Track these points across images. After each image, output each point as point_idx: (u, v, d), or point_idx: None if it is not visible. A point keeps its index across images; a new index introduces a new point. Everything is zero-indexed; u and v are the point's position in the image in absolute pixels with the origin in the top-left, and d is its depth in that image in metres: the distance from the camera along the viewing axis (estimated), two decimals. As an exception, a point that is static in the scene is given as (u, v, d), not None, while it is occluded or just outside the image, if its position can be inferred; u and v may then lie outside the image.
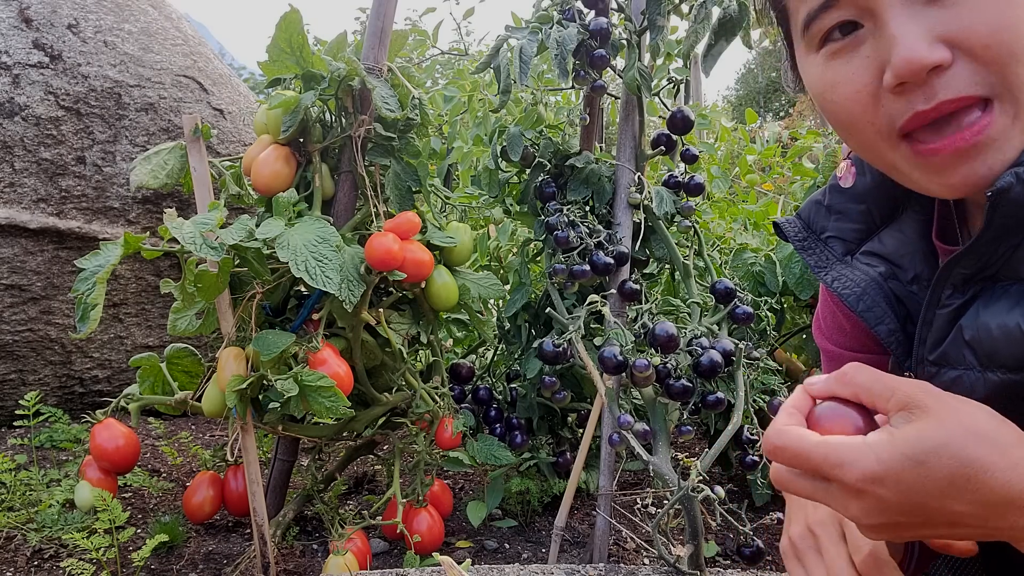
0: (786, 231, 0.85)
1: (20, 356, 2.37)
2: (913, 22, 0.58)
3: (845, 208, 0.83)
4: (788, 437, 0.57)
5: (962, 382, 0.69)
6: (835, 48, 0.64)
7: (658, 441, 1.33)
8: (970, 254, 0.67)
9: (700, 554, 1.22)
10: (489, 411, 1.95)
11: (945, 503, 0.53)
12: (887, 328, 0.77)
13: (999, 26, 0.57)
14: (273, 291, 1.63)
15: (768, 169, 3.09)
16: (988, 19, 0.57)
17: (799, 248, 0.84)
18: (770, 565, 1.77)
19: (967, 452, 0.52)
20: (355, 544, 1.54)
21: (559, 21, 1.60)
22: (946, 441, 0.53)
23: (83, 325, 1.39)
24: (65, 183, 2.36)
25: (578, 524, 1.93)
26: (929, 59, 0.57)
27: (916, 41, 0.57)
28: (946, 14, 0.58)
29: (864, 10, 0.61)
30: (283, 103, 1.59)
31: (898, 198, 0.80)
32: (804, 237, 0.84)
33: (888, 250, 0.80)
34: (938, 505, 0.53)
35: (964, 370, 0.69)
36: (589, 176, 1.72)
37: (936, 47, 0.57)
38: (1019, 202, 0.59)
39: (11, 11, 2.36)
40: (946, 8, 0.58)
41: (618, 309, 1.64)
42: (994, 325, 0.65)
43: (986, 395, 0.65)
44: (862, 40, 0.62)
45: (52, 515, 1.72)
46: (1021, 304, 0.64)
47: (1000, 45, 0.57)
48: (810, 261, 0.83)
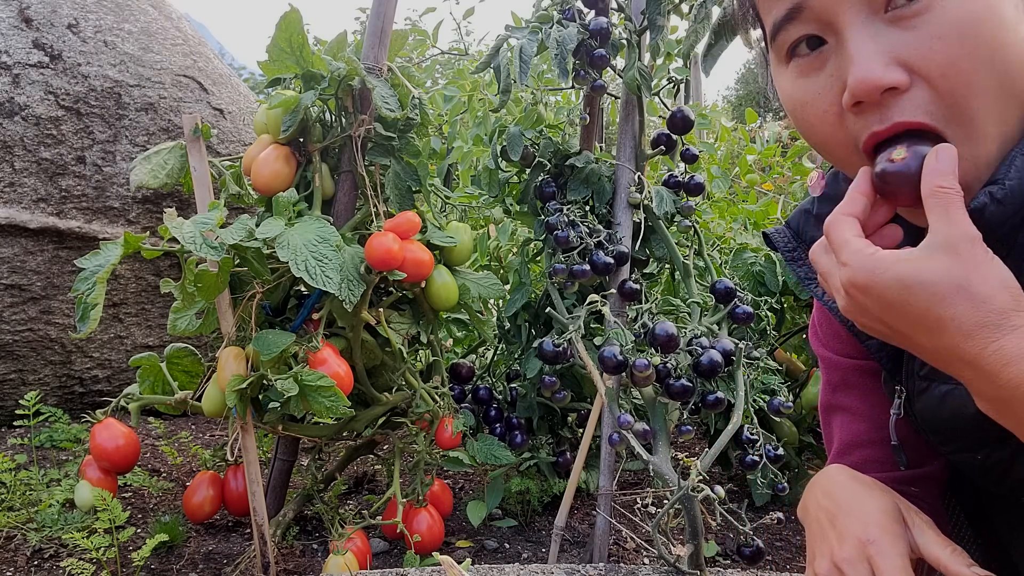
0: (775, 241, 0.83)
1: (20, 356, 2.37)
2: (872, 41, 0.57)
3: None
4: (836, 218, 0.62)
5: (953, 397, 0.69)
6: (802, 64, 0.63)
7: (658, 441, 1.33)
8: None
9: (700, 554, 1.22)
10: (489, 411, 1.95)
11: (914, 333, 0.58)
12: (876, 343, 0.76)
13: (957, 56, 0.56)
14: (273, 291, 1.63)
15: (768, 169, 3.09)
16: (947, 48, 0.56)
17: (788, 260, 0.82)
18: (770, 565, 1.77)
19: (947, 302, 0.54)
20: (355, 544, 1.54)
21: (559, 21, 1.60)
22: (936, 283, 0.55)
23: (83, 325, 1.38)
24: (65, 183, 2.36)
25: (578, 524, 1.93)
26: (883, 80, 0.56)
27: (871, 62, 0.57)
28: (907, 36, 0.57)
29: (826, 25, 0.60)
30: (283, 103, 1.59)
31: None
32: (794, 247, 0.81)
33: None
34: (908, 332, 0.58)
35: (954, 385, 0.68)
36: (589, 176, 1.72)
37: (892, 69, 0.57)
38: (995, 221, 0.59)
39: (11, 11, 2.36)
40: (907, 31, 0.57)
41: (618, 309, 1.64)
42: None
43: (977, 410, 0.64)
44: (827, 58, 0.61)
45: (52, 515, 1.72)
46: None
47: (957, 75, 0.56)
48: (799, 274, 0.81)
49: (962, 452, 0.73)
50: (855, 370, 0.86)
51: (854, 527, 0.70)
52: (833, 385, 0.89)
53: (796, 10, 0.61)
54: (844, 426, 0.88)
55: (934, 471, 0.84)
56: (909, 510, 0.71)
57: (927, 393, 0.72)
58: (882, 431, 0.83)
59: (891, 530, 0.68)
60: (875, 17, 0.58)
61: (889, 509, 0.71)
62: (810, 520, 0.78)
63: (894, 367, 0.76)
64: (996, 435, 0.68)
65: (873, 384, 0.84)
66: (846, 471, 0.79)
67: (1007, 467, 0.69)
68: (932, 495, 0.84)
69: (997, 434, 0.68)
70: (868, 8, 0.58)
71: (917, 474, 0.83)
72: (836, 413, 0.89)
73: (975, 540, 0.87)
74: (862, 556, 0.68)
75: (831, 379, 0.89)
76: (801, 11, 0.61)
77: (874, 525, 0.69)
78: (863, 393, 0.85)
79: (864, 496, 0.73)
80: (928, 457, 0.83)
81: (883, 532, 0.68)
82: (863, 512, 0.71)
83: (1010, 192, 0.58)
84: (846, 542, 0.70)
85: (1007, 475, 0.70)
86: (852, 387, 0.86)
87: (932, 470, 0.84)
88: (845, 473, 0.79)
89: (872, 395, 0.85)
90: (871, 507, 0.71)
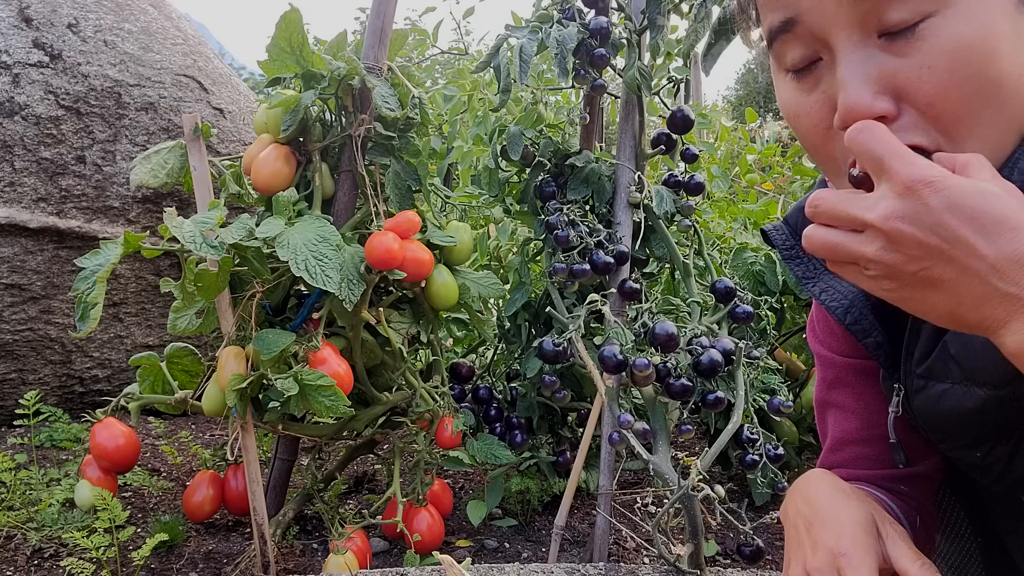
0: (773, 238, 0.83)
1: (20, 355, 2.37)
2: (862, 67, 0.57)
3: None
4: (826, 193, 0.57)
5: (950, 395, 0.69)
6: (798, 77, 0.63)
7: (658, 440, 1.33)
8: None
9: (700, 553, 1.22)
10: (489, 410, 1.95)
11: (977, 238, 0.50)
12: (874, 341, 0.76)
13: (946, 85, 0.55)
14: (273, 290, 1.63)
15: (768, 168, 3.09)
16: (935, 78, 0.55)
17: (786, 258, 0.82)
18: (770, 564, 1.77)
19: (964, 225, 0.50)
20: (355, 543, 1.54)
21: (559, 20, 1.60)
22: (1009, 194, 0.51)
23: (83, 324, 1.38)
24: (65, 182, 2.36)
25: (578, 523, 1.93)
26: (871, 110, 0.56)
27: (861, 89, 0.57)
28: (897, 63, 0.56)
29: (821, 43, 0.60)
30: (283, 102, 1.59)
31: None
32: (792, 245, 0.81)
33: None
34: (970, 237, 0.51)
35: (951, 384, 0.68)
36: (589, 175, 1.72)
37: (880, 98, 0.56)
38: None
39: (11, 10, 2.36)
40: (898, 57, 0.56)
41: (618, 308, 1.64)
42: (978, 341, 0.64)
43: (975, 408, 0.64)
44: (821, 75, 0.61)
45: (52, 514, 1.72)
46: None
47: (945, 104, 0.56)
48: (797, 272, 0.81)
49: (961, 449, 0.73)
50: (850, 368, 0.86)
51: (827, 537, 0.71)
52: (828, 382, 0.89)
53: (790, 23, 0.61)
54: (837, 423, 0.88)
55: (926, 470, 0.84)
56: (884, 521, 0.72)
57: (924, 391, 0.72)
58: (873, 429, 0.83)
59: (863, 543, 0.69)
60: (868, 40, 0.57)
61: (863, 521, 0.71)
62: (788, 524, 0.79)
63: (892, 365, 0.77)
64: (994, 432, 0.68)
65: (867, 383, 0.85)
66: (828, 477, 0.80)
67: (1006, 464, 0.69)
68: (923, 494, 0.85)
69: (995, 431, 0.68)
70: (860, 31, 0.57)
71: (908, 472, 0.83)
72: (830, 409, 0.90)
73: (974, 538, 0.88)
74: (833, 567, 0.69)
75: (826, 376, 0.90)
76: (796, 24, 0.61)
77: (847, 537, 0.70)
78: (856, 391, 0.86)
79: (840, 506, 0.74)
80: (921, 456, 0.83)
81: (855, 545, 0.69)
82: (837, 523, 0.72)
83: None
84: (819, 551, 0.71)
85: (1006, 472, 0.70)
86: (846, 385, 0.87)
87: (924, 469, 0.84)
88: (826, 480, 0.79)
89: (866, 393, 0.85)
90: (845, 518, 0.72)
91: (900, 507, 0.83)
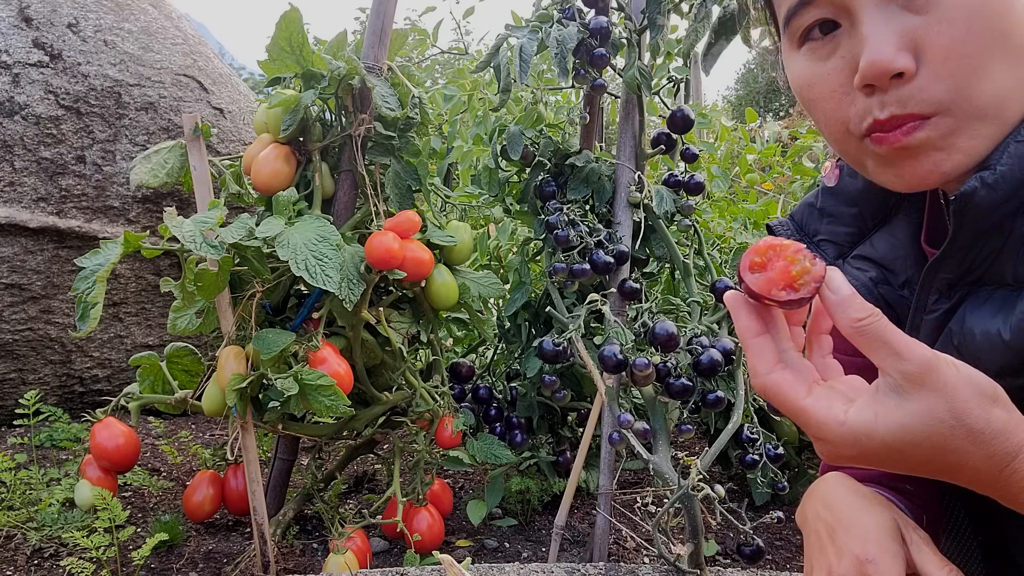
0: (778, 234, 0.83)
1: (20, 355, 2.37)
2: (885, 25, 0.59)
3: (837, 211, 0.82)
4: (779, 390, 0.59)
5: None
6: (814, 47, 0.64)
7: (658, 440, 1.33)
8: (948, 259, 0.66)
9: (700, 553, 1.22)
10: (489, 410, 1.95)
11: (914, 470, 0.57)
12: None
13: (962, 39, 0.57)
14: (273, 290, 1.63)
15: (768, 168, 3.09)
16: (952, 31, 0.57)
17: None
18: (770, 564, 1.77)
19: (948, 448, 0.54)
20: (355, 543, 1.54)
21: (559, 20, 1.60)
22: (928, 434, 0.53)
23: (83, 324, 1.38)
24: (65, 182, 2.36)
25: (578, 523, 1.93)
26: (893, 65, 0.57)
27: (884, 45, 0.58)
28: (917, 21, 0.58)
29: (841, 8, 0.61)
30: (283, 102, 1.59)
31: (889, 201, 0.80)
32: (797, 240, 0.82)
33: (879, 254, 0.79)
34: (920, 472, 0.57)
35: None
36: (589, 175, 1.72)
37: (902, 54, 0.58)
38: (985, 206, 0.60)
39: (11, 10, 2.36)
40: (919, 15, 0.58)
41: (618, 308, 1.64)
42: (978, 331, 0.64)
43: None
44: (839, 42, 0.62)
45: (52, 514, 1.72)
46: (1003, 310, 0.63)
47: (960, 59, 0.57)
48: None
49: None
50: (852, 366, 0.86)
51: (853, 544, 0.70)
52: None
53: None
54: None
55: None
56: (907, 527, 0.72)
57: None
58: None
59: (889, 549, 0.69)
60: (889, 1, 0.59)
61: (888, 526, 0.71)
62: (809, 530, 0.79)
63: None
64: None
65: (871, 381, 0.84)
66: (847, 481, 0.79)
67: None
68: (927, 492, 0.85)
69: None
70: None
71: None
72: None
73: (975, 537, 0.88)
74: (860, 574, 0.68)
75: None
76: None
77: (873, 543, 0.69)
78: None
79: (863, 511, 0.73)
80: None
81: (882, 551, 0.68)
82: (862, 528, 0.71)
83: (1001, 177, 0.59)
84: (844, 559, 0.70)
85: None
86: None
87: None
88: (846, 484, 0.79)
89: None
90: (870, 523, 0.72)
91: (907, 506, 0.82)
